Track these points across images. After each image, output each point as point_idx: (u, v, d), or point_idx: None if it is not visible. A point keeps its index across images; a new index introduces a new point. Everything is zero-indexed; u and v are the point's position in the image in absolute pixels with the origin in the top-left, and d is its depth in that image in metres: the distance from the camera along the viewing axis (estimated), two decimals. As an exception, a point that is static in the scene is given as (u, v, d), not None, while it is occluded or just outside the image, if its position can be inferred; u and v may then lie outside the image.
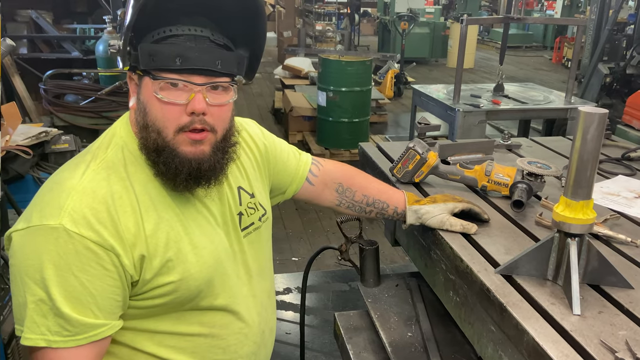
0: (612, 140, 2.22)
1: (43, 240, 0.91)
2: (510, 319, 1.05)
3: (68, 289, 0.91)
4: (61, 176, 0.99)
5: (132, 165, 1.01)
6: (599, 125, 1.03)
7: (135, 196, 0.99)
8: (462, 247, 1.31)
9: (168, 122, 0.97)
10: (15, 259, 0.94)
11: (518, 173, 1.57)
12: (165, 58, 0.94)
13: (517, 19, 4.21)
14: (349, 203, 1.46)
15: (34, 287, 0.91)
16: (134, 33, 0.98)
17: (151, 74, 0.96)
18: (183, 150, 0.98)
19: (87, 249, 0.92)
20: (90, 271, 0.92)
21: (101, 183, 0.97)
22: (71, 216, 0.92)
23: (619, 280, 1.14)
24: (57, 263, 0.91)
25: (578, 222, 1.09)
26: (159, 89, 0.96)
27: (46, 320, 0.92)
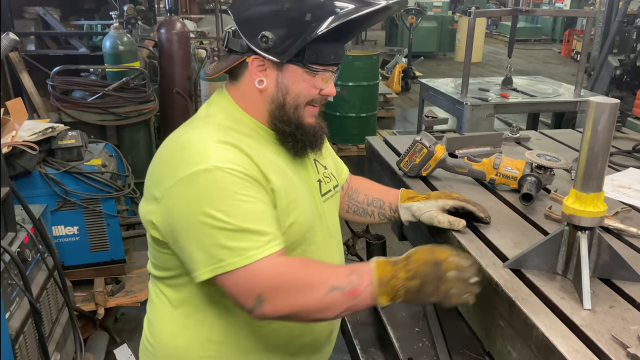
0: (623, 133, 2.19)
1: (202, 181, 1.00)
2: (519, 313, 1.04)
3: (240, 211, 1.01)
4: (184, 138, 1.08)
5: (245, 129, 1.13)
6: (610, 115, 1.01)
7: (256, 146, 1.11)
8: (470, 241, 1.30)
9: (306, 99, 1.14)
10: (179, 210, 1.02)
11: (527, 166, 1.55)
12: (326, 55, 1.12)
13: (526, 11, 4.17)
14: (355, 206, 1.48)
15: (211, 221, 0.99)
16: (305, 34, 1.07)
17: (308, 66, 1.10)
18: (307, 121, 1.16)
19: (240, 178, 1.02)
20: (249, 192, 1.03)
21: (227, 134, 1.08)
22: (217, 157, 1.02)
23: (630, 274, 1.11)
24: (222, 195, 1.00)
25: (588, 214, 1.07)
26: (313, 78, 1.12)
27: (237, 241, 1.00)
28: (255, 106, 1.14)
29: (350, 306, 1.04)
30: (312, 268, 1.08)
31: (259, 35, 1.07)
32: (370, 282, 1.03)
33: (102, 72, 3.99)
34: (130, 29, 4.21)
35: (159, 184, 1.07)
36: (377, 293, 1.03)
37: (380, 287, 1.03)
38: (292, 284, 1.03)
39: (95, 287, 2.45)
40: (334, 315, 1.08)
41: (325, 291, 1.02)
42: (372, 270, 1.05)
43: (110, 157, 2.59)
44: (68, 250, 2.40)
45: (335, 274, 1.06)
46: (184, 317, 1.16)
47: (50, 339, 2.06)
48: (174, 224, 1.04)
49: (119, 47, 3.85)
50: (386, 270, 1.04)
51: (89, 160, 2.39)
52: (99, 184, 2.34)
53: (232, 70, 1.15)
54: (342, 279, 1.04)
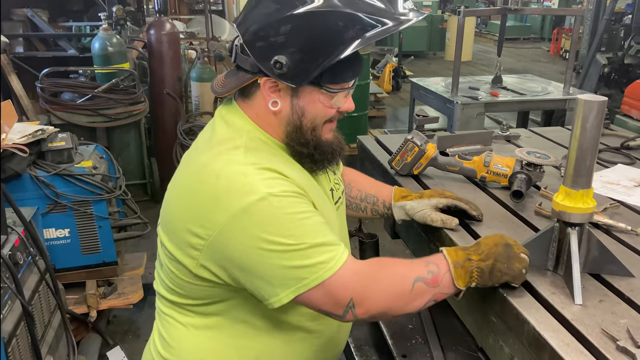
0: (611, 130, 2.21)
1: (262, 211, 0.97)
2: (511, 309, 1.05)
3: (307, 229, 1.00)
4: (218, 166, 1.02)
5: (266, 148, 1.09)
6: (598, 113, 1.03)
7: (283, 165, 1.07)
8: (462, 238, 1.31)
9: (324, 118, 1.09)
10: (242, 247, 0.98)
11: (517, 163, 1.57)
12: (345, 75, 1.06)
13: (515, 10, 4.20)
14: (347, 201, 1.48)
15: (284, 249, 0.97)
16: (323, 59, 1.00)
17: (325, 87, 1.04)
18: (326, 138, 1.12)
19: (293, 198, 1.01)
20: (306, 209, 1.02)
21: (255, 157, 1.03)
22: (264, 184, 0.99)
23: (619, 268, 1.13)
24: (285, 220, 0.98)
25: (578, 211, 1.09)
26: (330, 98, 1.06)
27: (315, 258, 0.98)
28: (271, 126, 1.09)
29: (434, 295, 1.07)
30: (391, 265, 1.09)
31: (272, 60, 0.99)
32: (448, 268, 1.06)
33: (92, 74, 3.98)
34: (119, 30, 4.19)
35: (201, 221, 1.00)
36: (455, 276, 1.06)
37: (456, 270, 1.06)
38: (378, 283, 1.04)
39: (87, 289, 2.44)
40: (421, 306, 1.09)
41: (410, 284, 1.04)
42: (445, 257, 1.08)
43: (101, 159, 2.58)
44: (59, 253, 2.38)
45: (415, 267, 1.08)
46: (213, 341, 1.13)
47: (42, 342, 2.05)
48: (236, 259, 1.00)
49: (108, 48, 3.84)
50: (459, 255, 1.08)
51: (80, 162, 2.37)
52: (90, 186, 2.33)
53: (245, 86, 1.09)
54: (422, 270, 1.06)
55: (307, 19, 0.98)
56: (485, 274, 1.06)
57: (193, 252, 1.03)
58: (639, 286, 1.10)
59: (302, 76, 1.01)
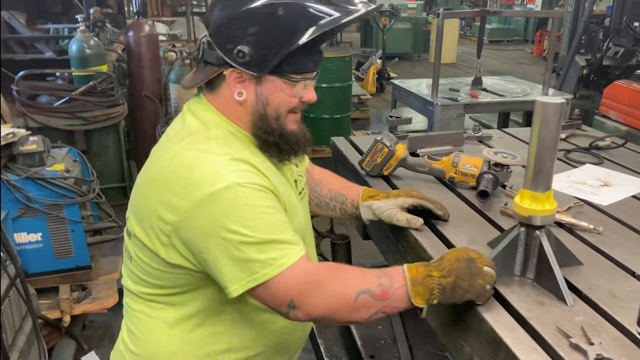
0: (582, 130, 2.24)
1: (224, 199, 1.00)
2: (471, 309, 1.05)
3: (266, 223, 1.02)
4: (186, 156, 1.05)
5: (236, 140, 1.12)
6: (556, 115, 1.03)
7: (252, 156, 1.11)
8: (427, 238, 1.31)
9: (287, 107, 1.12)
10: (205, 229, 1.01)
11: (484, 164, 1.58)
12: (305, 64, 1.10)
13: (494, 12, 4.23)
14: (317, 199, 1.48)
15: (240, 239, 0.99)
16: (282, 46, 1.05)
17: (287, 76, 1.08)
18: (290, 128, 1.14)
19: (259, 191, 1.04)
20: (269, 204, 1.05)
21: (227, 148, 1.07)
22: (233, 174, 1.02)
23: (571, 260, 1.16)
24: (245, 211, 1.01)
25: (546, 213, 1.09)
26: (292, 87, 1.10)
27: (267, 253, 1.00)
28: (238, 117, 1.13)
29: (382, 307, 1.05)
30: (341, 272, 1.08)
31: (235, 50, 1.05)
32: (404, 283, 1.04)
33: (69, 77, 3.93)
34: (97, 32, 4.16)
35: (170, 206, 1.03)
36: (411, 293, 1.04)
37: (414, 287, 1.04)
38: (320, 288, 1.04)
39: (60, 294, 2.40)
40: (367, 317, 1.08)
41: (354, 295, 1.04)
42: (404, 272, 1.06)
43: (75, 162, 2.54)
44: (32, 258, 2.35)
45: (365, 278, 1.07)
46: (184, 332, 1.14)
47: (13, 348, 2.02)
48: (199, 244, 1.03)
49: (86, 50, 3.80)
50: (419, 271, 1.05)
51: (52, 166, 2.34)
52: (62, 190, 2.30)
53: (209, 80, 1.13)
54: (371, 282, 1.05)
55: (265, 10, 1.05)
56: (447, 291, 1.03)
57: (163, 238, 1.06)
58: (597, 284, 1.11)
59: (263, 64, 1.06)
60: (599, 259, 1.22)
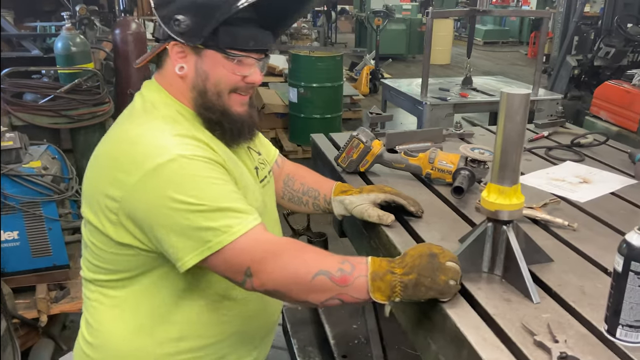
0: (566, 128, 2.22)
1: (169, 171, 0.99)
2: (436, 305, 1.02)
3: (214, 192, 1.01)
4: (132, 134, 1.05)
5: (184, 119, 1.11)
6: (521, 106, 1.01)
7: (202, 134, 1.10)
8: (398, 235, 1.29)
9: (228, 85, 1.11)
10: (152, 202, 1.00)
11: (461, 160, 1.55)
12: (243, 39, 1.09)
13: (483, 11, 4.21)
14: (290, 194, 1.46)
15: (188, 208, 0.98)
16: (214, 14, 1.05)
17: (222, 50, 1.08)
18: (236, 110, 1.13)
19: (205, 163, 1.03)
20: (218, 175, 1.04)
21: (174, 125, 1.07)
22: (177, 147, 1.01)
23: (541, 256, 1.13)
24: (191, 181, 1.00)
25: (513, 207, 1.06)
26: (234, 64, 1.09)
27: (217, 221, 0.99)
28: (183, 94, 1.12)
29: (339, 294, 1.01)
30: (303, 249, 1.06)
31: (172, 19, 1.06)
32: (365, 274, 1.01)
33: (55, 74, 3.89)
34: (84, 30, 4.11)
35: (116, 183, 1.02)
36: (371, 288, 1.00)
37: (374, 281, 1.00)
38: (278, 259, 1.01)
39: (37, 293, 2.36)
40: (322, 300, 1.04)
41: (312, 273, 1.00)
42: (367, 263, 1.02)
43: (53, 159, 2.51)
44: (8, 256, 2.30)
45: (327, 260, 1.03)
46: (136, 318, 1.13)
47: (-14, 349, 1.99)
48: (146, 219, 1.01)
49: (71, 48, 3.76)
50: (382, 266, 1.02)
51: (28, 163, 2.31)
52: (39, 187, 2.26)
53: (159, 59, 1.14)
54: (332, 264, 1.01)
55: None
56: (409, 288, 0.99)
57: (112, 216, 1.05)
58: (567, 280, 1.09)
59: (199, 34, 1.06)
60: (571, 256, 1.20)
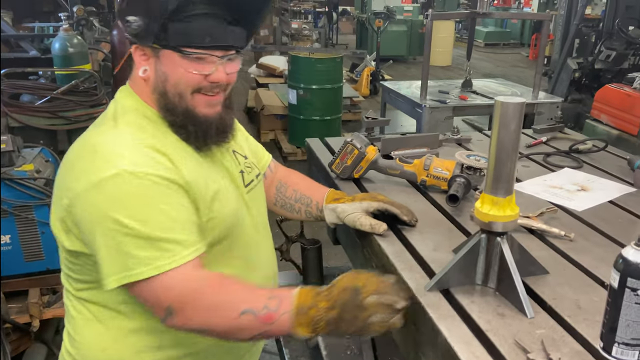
0: (564, 134, 2.19)
1: (111, 187, 0.96)
2: (427, 318, 1.00)
3: (152, 217, 0.97)
4: (92, 141, 1.05)
5: (152, 125, 1.08)
6: (515, 115, 0.98)
7: (169, 141, 1.07)
8: (390, 244, 1.26)
9: (189, 86, 1.06)
10: (89, 217, 0.98)
11: (457, 167, 1.52)
12: (196, 36, 1.03)
13: (483, 14, 4.18)
14: (282, 201, 1.43)
15: (119, 228, 0.95)
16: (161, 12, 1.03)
17: (178, 49, 1.03)
18: (201, 111, 1.08)
19: (153, 183, 0.99)
20: (163, 199, 0.99)
21: (139, 134, 1.05)
22: (127, 160, 0.98)
23: (537, 268, 1.10)
24: (133, 201, 0.97)
25: (507, 219, 1.04)
26: (189, 62, 1.04)
27: (145, 250, 0.96)
28: (149, 98, 1.10)
29: (265, 332, 1.00)
30: (228, 287, 1.03)
31: (126, 21, 1.05)
32: (290, 309, 0.98)
33: (52, 75, 3.88)
34: (81, 31, 4.10)
35: (68, 190, 1.02)
36: (293, 323, 0.98)
37: (298, 316, 0.98)
38: (202, 300, 0.99)
39: (30, 298, 2.34)
40: (247, 338, 1.05)
41: (237, 313, 0.98)
42: (293, 297, 1.00)
43: (47, 162, 2.48)
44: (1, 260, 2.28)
45: (252, 296, 1.02)
46: (112, 329, 1.11)
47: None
48: (85, 231, 1.00)
49: (69, 49, 3.75)
50: (307, 299, 0.99)
51: (21, 166, 2.29)
52: (32, 191, 2.24)
53: (130, 63, 1.12)
54: (258, 302, 0.99)
55: None
56: (332, 324, 0.97)
57: (64, 224, 1.04)
58: (562, 293, 1.06)
59: (150, 33, 1.04)
60: (567, 267, 1.17)
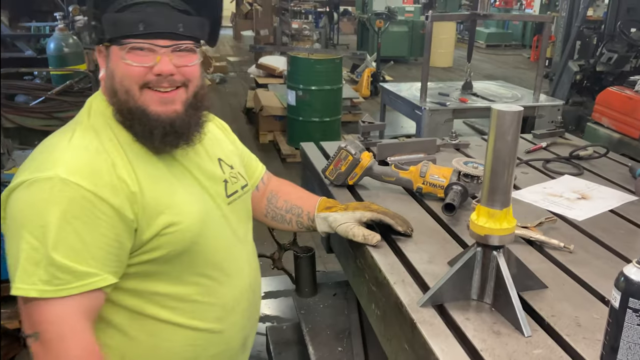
0: (565, 139, 2.14)
1: (37, 190, 0.93)
2: (419, 336, 0.95)
3: (61, 236, 0.92)
4: (50, 142, 1.03)
5: (115, 128, 1.04)
6: (512, 124, 0.94)
7: (124, 153, 1.02)
8: (383, 256, 1.21)
9: (133, 80, 1.01)
10: (10, 215, 0.95)
11: (454, 174, 1.48)
12: (128, 25, 0.99)
13: (484, 15, 4.13)
14: (273, 212, 1.39)
15: (28, 237, 0.91)
16: (98, 6, 1.02)
17: (117, 42, 1.00)
18: (154, 109, 1.02)
19: (82, 198, 0.94)
20: (84, 219, 0.94)
21: (92, 141, 1.01)
22: (66, 166, 0.95)
23: (535, 283, 1.06)
24: (50, 211, 0.92)
25: (504, 232, 0.99)
26: (126, 54, 1.00)
27: (38, 269, 0.91)
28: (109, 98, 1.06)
29: None
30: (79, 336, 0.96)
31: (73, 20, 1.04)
32: None
33: (47, 76, 3.84)
34: (77, 31, 4.06)
35: (13, 180, 0.99)
36: None
37: None
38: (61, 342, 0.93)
39: (20, 303, 2.30)
40: None
41: None
42: None
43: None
44: (-10, 265, 2.24)
45: None
46: None
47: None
48: (4, 225, 0.97)
49: (64, 49, 3.71)
50: None
51: (10, 169, 2.25)
52: (22, 194, 2.20)
53: None
54: None
55: None
56: None
57: None
58: (561, 310, 1.02)
59: (92, 30, 1.03)
60: (566, 282, 1.12)
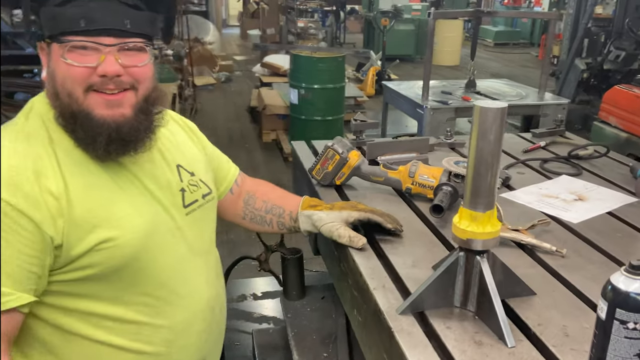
0: (566, 138, 2.08)
1: None
2: (397, 347, 0.90)
3: None
4: None
5: (55, 133, 0.97)
6: (495, 122, 0.88)
7: (57, 161, 0.95)
8: (365, 259, 1.16)
9: (76, 82, 0.94)
10: None
11: (444, 174, 1.43)
12: (68, 20, 0.91)
13: (488, 12, 4.07)
14: (252, 213, 1.35)
15: None
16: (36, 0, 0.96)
17: (57, 39, 0.93)
18: (99, 113, 0.95)
19: (5, 214, 0.87)
20: (8, 230, 0.87)
21: (20, 147, 0.93)
22: None
23: (522, 289, 1.00)
24: None
25: (488, 236, 0.94)
26: (67, 53, 0.93)
27: None
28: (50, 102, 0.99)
29: None
30: None
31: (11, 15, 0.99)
32: None
33: (46, 74, 3.82)
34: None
35: None
36: None
37: None
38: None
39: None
40: None
41: None
42: None
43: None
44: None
45: None
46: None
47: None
48: None
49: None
50: None
51: None
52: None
53: None
54: None
55: None
56: None
57: None
58: (549, 318, 0.96)
59: (31, 25, 0.97)
60: (556, 288, 1.06)
